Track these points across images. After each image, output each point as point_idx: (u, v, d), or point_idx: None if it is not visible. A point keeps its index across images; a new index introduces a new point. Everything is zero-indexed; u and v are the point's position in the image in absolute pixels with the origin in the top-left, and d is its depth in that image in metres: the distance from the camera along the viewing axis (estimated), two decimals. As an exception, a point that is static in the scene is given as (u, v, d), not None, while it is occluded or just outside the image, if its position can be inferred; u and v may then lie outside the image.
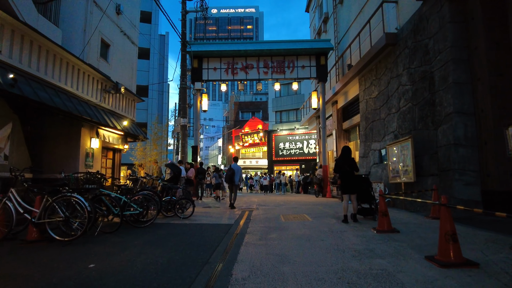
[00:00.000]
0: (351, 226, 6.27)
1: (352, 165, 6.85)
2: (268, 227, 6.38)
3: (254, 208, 10.32)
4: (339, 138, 17.13)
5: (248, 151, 44.88)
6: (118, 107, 11.18)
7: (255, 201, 13.01)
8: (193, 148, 15.31)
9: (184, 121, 14.31)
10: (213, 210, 9.85)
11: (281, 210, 9.47)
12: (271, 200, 13.53)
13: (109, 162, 11.79)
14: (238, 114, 52.02)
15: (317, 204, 11.07)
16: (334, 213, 8.45)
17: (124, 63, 11.99)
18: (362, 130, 13.24)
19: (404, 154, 8.69)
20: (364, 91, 13.14)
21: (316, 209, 9.53)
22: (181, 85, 14.70)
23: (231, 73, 16.08)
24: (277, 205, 11.20)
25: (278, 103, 33.87)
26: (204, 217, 8.27)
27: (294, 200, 13.33)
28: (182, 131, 14.27)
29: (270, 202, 12.36)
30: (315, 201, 12.60)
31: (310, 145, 30.73)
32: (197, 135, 15.68)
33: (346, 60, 15.33)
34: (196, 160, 15.23)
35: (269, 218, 7.77)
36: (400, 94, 9.97)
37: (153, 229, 6.39)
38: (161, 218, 7.88)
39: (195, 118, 16.06)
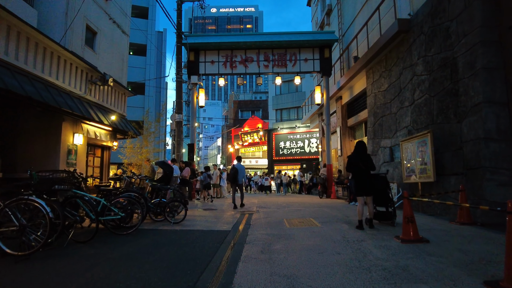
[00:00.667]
0: (368, 233, 5.36)
1: (367, 162, 5.95)
2: (270, 234, 5.47)
3: (254, 210, 9.42)
4: (344, 136, 16.22)
5: (248, 151, 43.95)
6: (106, 100, 10.27)
7: (255, 203, 12.10)
8: (189, 146, 14.40)
9: (179, 117, 13.40)
10: (209, 213, 8.94)
11: (284, 213, 8.56)
12: (272, 202, 12.62)
13: (97, 160, 10.88)
14: (237, 113, 51.12)
15: (322, 206, 10.17)
16: (343, 216, 7.54)
17: (114, 54, 11.08)
18: (370, 126, 12.34)
19: (422, 150, 7.79)
20: (372, 84, 12.24)
21: (322, 212, 8.63)
22: (176, 79, 13.79)
23: (230, 67, 15.17)
24: (279, 207, 10.30)
25: (279, 101, 32.98)
26: (198, 221, 7.36)
27: (297, 202, 12.42)
28: (177, 128, 13.37)
29: (271, 204, 11.46)
30: (319, 203, 11.70)
31: (312, 144, 29.84)
32: (193, 132, 14.78)
33: (352, 52, 14.44)
34: (193, 159, 14.32)
35: (271, 223, 6.86)
36: (414, 85, 9.07)
37: (137, 237, 5.48)
38: (149, 223, 6.97)
39: (192, 114, 15.15)
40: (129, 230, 5.66)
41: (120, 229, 5.75)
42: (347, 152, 16.10)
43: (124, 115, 11.59)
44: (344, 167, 15.85)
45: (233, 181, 10.09)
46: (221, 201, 13.16)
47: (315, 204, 10.98)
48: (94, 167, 10.69)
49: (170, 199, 7.12)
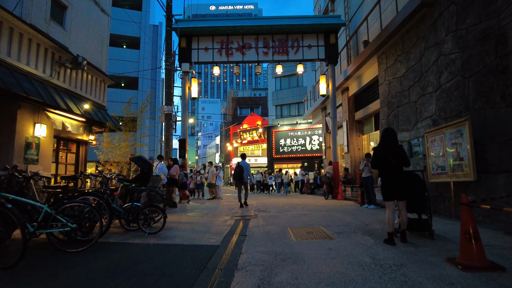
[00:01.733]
0: (404, 252, 3.95)
1: (399, 156, 4.53)
2: (272, 253, 4.06)
3: (252, 215, 8.00)
4: (351, 131, 14.81)
5: (247, 149, 42.59)
6: (80, 87, 8.84)
7: (254, 205, 10.68)
8: (180, 141, 12.97)
9: (168, 108, 11.97)
10: (198, 219, 7.52)
11: (288, 218, 7.14)
12: (272, 204, 11.20)
13: (72, 157, 9.45)
14: (236, 110, 49.73)
15: (331, 210, 8.76)
16: (361, 224, 6.13)
17: (90, 34, 9.64)
18: (383, 118, 10.92)
19: (456, 143, 6.38)
20: (386, 70, 10.82)
21: (333, 217, 7.21)
22: (165, 66, 12.34)
23: (225, 54, 13.73)
24: (280, 210, 8.89)
25: (279, 96, 31.54)
26: (181, 230, 5.93)
27: (301, 204, 11.00)
28: (166, 121, 11.93)
29: (272, 206, 10.04)
30: (326, 205, 10.29)
31: (313, 141, 28.44)
32: (185, 126, 13.34)
33: (361, 37, 13.01)
34: (184, 156, 12.89)
35: (272, 233, 5.45)
36: (441, 67, 7.65)
37: (92, 256, 4.06)
38: (120, 234, 5.56)
39: (183, 106, 13.73)
40: (83, 246, 4.23)
41: (70, 245, 4.33)
42: (354, 149, 14.69)
43: (104, 105, 10.15)
44: (351, 163, 14.43)
45: (239, 180, 9.84)
46: (215, 203, 11.73)
47: (322, 207, 9.56)
48: (68, 164, 9.26)
49: (145, 204, 5.68)
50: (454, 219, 6.40)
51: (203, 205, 10.84)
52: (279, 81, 31.82)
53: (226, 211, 9.04)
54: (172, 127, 12.07)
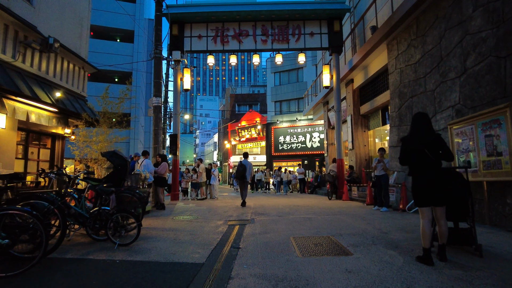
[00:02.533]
0: (452, 277, 2.91)
1: (437, 147, 3.48)
2: (271, 279, 3.01)
3: (248, 219, 6.96)
4: (356, 126, 13.76)
5: (245, 147, 41.54)
6: (53, 73, 7.76)
7: (251, 206, 9.64)
8: (172, 137, 11.91)
9: (157, 101, 10.89)
10: (184, 224, 6.47)
11: (290, 224, 6.10)
12: (271, 205, 10.16)
13: (46, 153, 8.38)
14: (234, 107, 48.65)
15: (338, 213, 7.72)
16: (377, 232, 5.10)
17: (67, 14, 8.56)
18: (393, 110, 9.88)
19: (491, 135, 5.34)
20: (397, 58, 9.77)
21: (342, 222, 6.18)
22: (154, 54, 11.27)
23: (221, 42, 12.65)
24: (281, 213, 7.85)
25: (278, 92, 30.46)
26: (161, 240, 4.88)
27: (303, 205, 9.97)
28: (155, 114, 10.87)
29: (271, 208, 9.00)
30: (331, 207, 9.26)
31: (314, 139, 27.40)
32: (176, 120, 12.28)
33: (368, 23, 11.94)
34: (175, 153, 11.83)
35: (271, 245, 4.40)
36: (467, 48, 6.61)
37: (27, 283, 3.01)
38: (85, 245, 4.51)
39: (175, 98, 12.66)
40: (20, 268, 3.18)
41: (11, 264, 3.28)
42: (359, 146, 13.65)
43: (84, 95, 9.08)
44: (356, 160, 13.40)
45: (241, 179, 9.69)
46: (209, 204, 10.68)
47: (327, 209, 8.52)
48: (41, 161, 8.19)
49: (115, 209, 4.61)
50: (489, 227, 5.36)
51: (195, 207, 9.79)
52: (278, 76, 30.75)
53: (219, 214, 7.99)
54: (161, 120, 11.00)
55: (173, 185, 12.04)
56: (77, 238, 4.99)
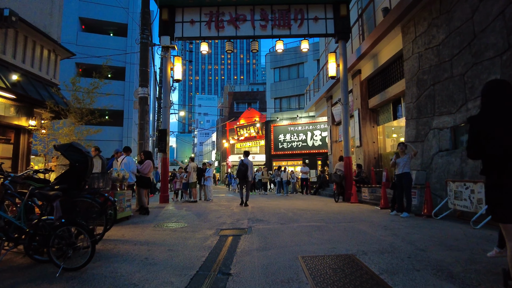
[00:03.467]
0: None
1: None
2: None
3: (244, 227, 5.76)
4: (364, 121, 12.57)
5: (244, 146, 40.41)
6: (11, 53, 6.54)
7: (248, 210, 8.45)
8: (160, 132, 10.69)
9: (143, 91, 9.68)
10: (166, 235, 5.26)
11: (295, 236, 4.90)
12: (272, 208, 8.97)
13: (7, 148, 7.16)
14: (233, 105, 47.46)
15: (351, 219, 6.53)
16: (411, 248, 3.90)
17: (33, -12, 7.34)
18: (410, 101, 8.69)
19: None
20: (415, 41, 8.57)
21: (360, 233, 4.98)
22: (141, 39, 10.06)
23: (215, 28, 11.44)
24: (283, 219, 6.65)
25: (278, 88, 29.25)
26: (126, 261, 3.67)
27: (308, 208, 8.77)
28: (141, 107, 9.65)
29: (272, 213, 7.80)
30: (340, 211, 8.06)
31: (315, 137, 26.21)
32: (166, 114, 11.07)
33: (379, 5, 10.75)
34: (164, 150, 10.61)
35: (273, 271, 3.21)
36: (511, 19, 5.42)
37: None
38: (22, 269, 3.32)
39: (165, 90, 11.46)
40: None
41: None
42: (367, 142, 12.46)
43: (55, 83, 7.87)
44: (364, 158, 12.20)
45: (244, 178, 9.58)
46: (201, 208, 9.48)
47: (337, 214, 7.32)
48: (2, 158, 6.97)
49: (58, 220, 3.38)
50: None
51: (185, 211, 8.59)
52: (278, 72, 29.55)
53: (211, 220, 6.79)
54: (147, 113, 9.78)
55: (162, 186, 10.84)
56: (14, 258, 3.78)
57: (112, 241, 4.70)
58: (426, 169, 7.65)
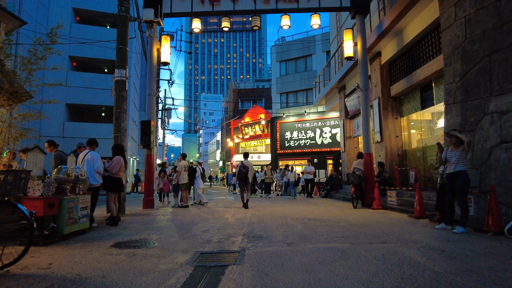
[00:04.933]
0: None
1: None
2: None
3: (235, 250, 4.01)
4: (385, 111, 10.70)
5: (249, 145, 38.77)
6: None
7: (246, 220, 6.68)
8: (143, 124, 9.02)
9: (119, 74, 7.99)
10: (113, 262, 3.51)
11: (311, 270, 3.11)
12: (276, 216, 7.19)
13: None
14: (237, 103, 45.87)
15: (386, 237, 4.72)
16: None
17: None
18: (452, 81, 6.82)
19: None
20: (459, 3, 6.69)
21: (410, 264, 3.18)
22: (118, 12, 8.37)
23: (209, 2, 9.70)
24: (290, 236, 4.87)
25: (284, 83, 27.40)
26: None
27: (321, 218, 6.97)
28: (117, 92, 7.95)
29: (275, 225, 6.03)
30: (365, 222, 6.26)
31: (325, 134, 24.27)
32: (151, 103, 9.40)
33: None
34: (149, 144, 8.90)
35: None
36: None
37: None
38: None
39: (150, 75, 9.77)
40: None
41: None
42: (389, 136, 10.60)
43: (2, 59, 6.15)
44: (386, 156, 10.34)
45: (244, 180, 9.35)
46: (189, 215, 7.74)
47: (362, 228, 5.50)
48: None
49: None
50: None
51: (166, 221, 6.86)
52: (284, 65, 27.70)
53: (194, 235, 5.05)
54: (125, 100, 8.06)
55: (146, 189, 9.14)
56: None
57: (16, 278, 2.97)
58: (479, 167, 5.78)
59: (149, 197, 9.05)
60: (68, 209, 4.78)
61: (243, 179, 9.31)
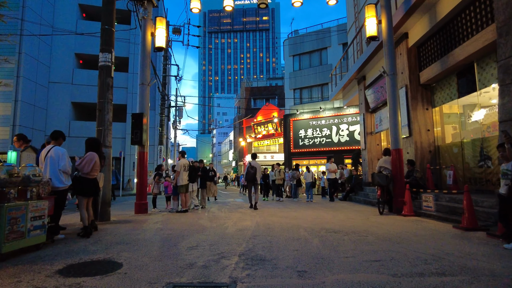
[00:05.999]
0: None
1: None
2: None
3: (223, 281, 2.76)
4: (414, 101, 9.23)
5: (262, 144, 37.56)
6: None
7: (249, 232, 5.43)
8: (135, 116, 7.89)
9: (105, 58, 6.87)
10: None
11: None
12: (285, 228, 5.91)
13: None
14: (250, 101, 44.71)
15: (439, 264, 3.38)
16: None
17: None
18: (510, 54, 5.36)
19: None
20: (518, -44, 5.23)
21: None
22: (103, -11, 7.27)
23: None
24: (302, 259, 3.59)
25: (297, 78, 25.97)
26: None
27: (343, 229, 5.65)
28: (101, 79, 6.84)
29: (283, 241, 4.75)
30: (400, 235, 4.92)
31: (341, 132, 22.75)
32: (144, 93, 8.28)
33: None
34: (140, 140, 7.77)
35: None
36: None
37: None
38: None
39: (143, 61, 8.66)
40: None
41: None
42: (419, 130, 9.15)
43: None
44: (416, 153, 8.89)
45: (253, 181, 9.37)
46: (181, 223, 6.55)
47: (401, 246, 4.15)
48: None
49: None
50: None
51: (150, 232, 5.68)
52: (298, 60, 26.27)
53: (176, 254, 3.85)
54: (110, 89, 6.92)
55: (138, 191, 8.00)
56: None
57: None
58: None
59: (141, 200, 7.92)
60: (9, 220, 3.65)
61: (252, 180, 9.33)
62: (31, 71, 20.10)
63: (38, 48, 20.87)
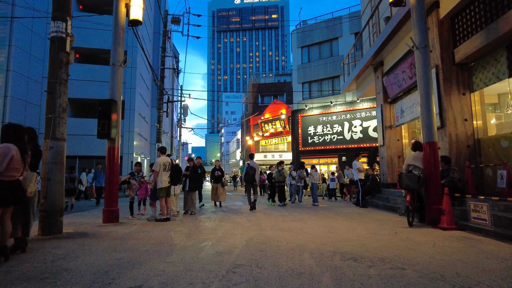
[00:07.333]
0: None
1: None
2: None
3: None
4: (448, 84, 7.50)
5: (269, 143, 35.98)
6: None
7: (230, 258, 3.87)
8: (102, 104, 6.40)
9: (57, 28, 5.42)
10: None
11: None
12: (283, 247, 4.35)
13: None
14: (257, 98, 43.11)
15: None
16: None
17: None
18: None
19: None
20: None
21: None
22: None
23: None
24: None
25: (306, 71, 24.24)
26: None
27: (364, 254, 4.04)
28: (52, 54, 5.39)
29: (275, 276, 3.19)
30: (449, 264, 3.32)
31: (354, 128, 20.97)
32: (115, 76, 6.83)
33: None
34: (108, 134, 6.28)
35: None
36: None
37: None
38: None
39: (115, 38, 7.19)
40: None
41: None
42: (455, 120, 7.42)
43: None
44: (450, 147, 7.17)
45: (252, 182, 9.42)
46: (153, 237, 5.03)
47: None
48: None
49: None
50: None
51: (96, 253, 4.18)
52: (306, 51, 24.54)
53: None
54: (64, 66, 5.44)
55: (107, 194, 6.52)
56: None
57: None
58: None
59: (110, 207, 6.42)
60: None
61: (251, 181, 9.43)
62: (22, 65, 18.98)
63: (30, 41, 19.76)
